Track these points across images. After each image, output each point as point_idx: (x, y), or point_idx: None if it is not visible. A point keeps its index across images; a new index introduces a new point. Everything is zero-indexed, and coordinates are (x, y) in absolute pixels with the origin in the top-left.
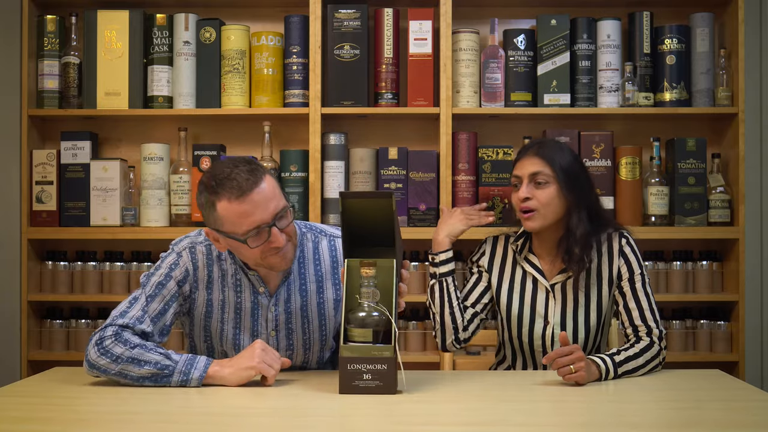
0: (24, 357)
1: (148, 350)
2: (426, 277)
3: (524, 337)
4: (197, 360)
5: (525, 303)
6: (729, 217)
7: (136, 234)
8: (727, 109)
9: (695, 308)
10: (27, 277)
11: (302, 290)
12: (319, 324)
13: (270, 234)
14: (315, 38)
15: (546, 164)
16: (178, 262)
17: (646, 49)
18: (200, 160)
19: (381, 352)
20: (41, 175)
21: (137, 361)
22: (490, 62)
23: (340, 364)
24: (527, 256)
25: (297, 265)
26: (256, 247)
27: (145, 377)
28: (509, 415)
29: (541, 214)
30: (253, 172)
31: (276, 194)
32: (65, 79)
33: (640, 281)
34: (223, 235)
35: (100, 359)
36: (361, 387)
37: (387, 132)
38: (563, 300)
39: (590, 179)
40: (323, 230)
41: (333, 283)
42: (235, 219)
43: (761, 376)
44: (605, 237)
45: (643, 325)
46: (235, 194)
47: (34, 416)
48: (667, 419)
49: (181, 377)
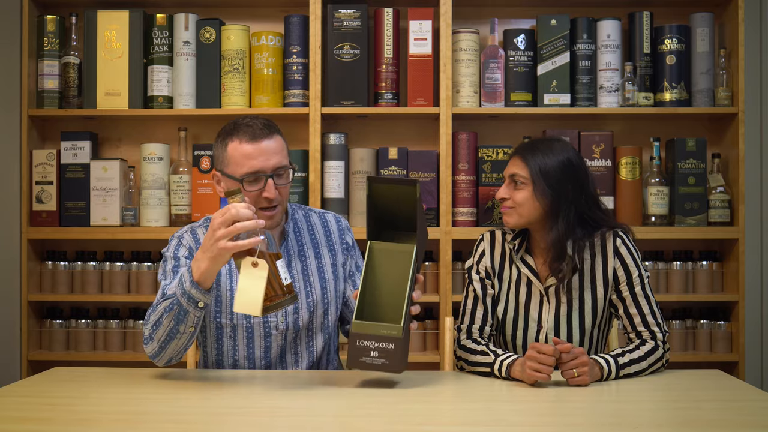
0: (24, 357)
1: (156, 307)
2: (425, 276)
3: (518, 340)
4: (181, 276)
5: (519, 307)
6: (729, 217)
7: (136, 234)
8: (727, 109)
9: (695, 308)
10: (27, 277)
11: (301, 255)
12: (321, 286)
13: (266, 184)
14: (315, 38)
15: (525, 166)
16: (181, 242)
17: (646, 49)
18: (200, 160)
19: (390, 332)
20: (41, 175)
21: (157, 323)
22: (490, 62)
23: (350, 338)
24: (523, 256)
25: (292, 232)
26: (250, 193)
27: (174, 327)
28: (509, 415)
29: (517, 212)
30: (268, 126)
31: (282, 152)
32: (65, 79)
33: (639, 284)
34: (225, 176)
35: (147, 347)
36: (367, 363)
37: (387, 132)
38: (557, 304)
39: (583, 181)
40: (312, 209)
41: (329, 249)
42: (240, 159)
43: (761, 376)
44: (599, 237)
45: (646, 330)
46: (246, 137)
47: (34, 416)
48: (667, 419)
49: (185, 300)
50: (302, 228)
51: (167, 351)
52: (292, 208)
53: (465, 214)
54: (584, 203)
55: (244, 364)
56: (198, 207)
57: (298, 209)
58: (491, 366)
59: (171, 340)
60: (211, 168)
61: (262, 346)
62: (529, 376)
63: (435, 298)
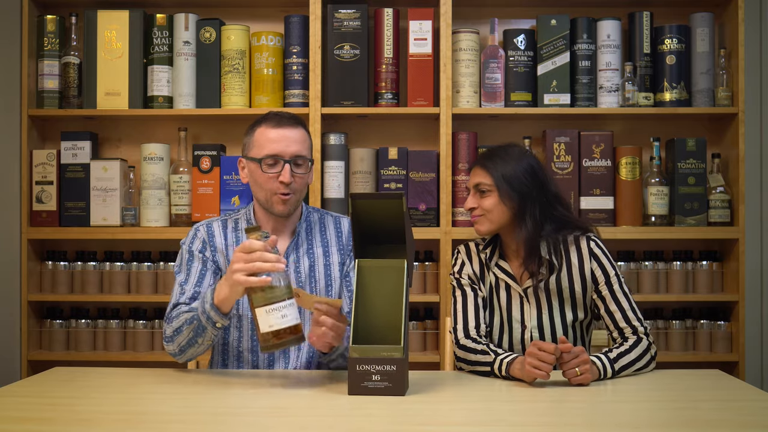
0: (24, 357)
1: (180, 315)
2: (425, 276)
3: (504, 343)
4: (205, 295)
5: (501, 310)
6: (729, 217)
7: (136, 234)
8: (727, 109)
9: (695, 308)
10: (27, 277)
11: (309, 253)
12: (326, 285)
13: (283, 168)
14: (315, 38)
15: (487, 174)
16: (197, 234)
17: (646, 49)
18: (200, 160)
19: (390, 353)
20: (41, 175)
21: (178, 330)
22: (490, 62)
23: (348, 364)
24: (498, 262)
25: (304, 230)
26: (268, 174)
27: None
28: (509, 415)
29: (487, 219)
30: (294, 118)
31: (303, 143)
32: (65, 79)
33: (617, 282)
34: (248, 160)
35: (168, 347)
36: (369, 388)
37: (387, 132)
38: (537, 303)
39: (542, 180)
40: (328, 212)
41: (338, 249)
42: (262, 142)
43: (761, 376)
44: (572, 239)
45: (628, 326)
46: (272, 123)
47: (34, 416)
48: (667, 419)
49: (205, 318)
50: (314, 228)
51: (187, 354)
52: (308, 210)
53: (465, 214)
54: (546, 201)
55: (248, 357)
56: (198, 207)
57: (315, 212)
58: (491, 365)
59: (190, 347)
60: (211, 168)
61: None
62: (528, 373)
63: (435, 298)
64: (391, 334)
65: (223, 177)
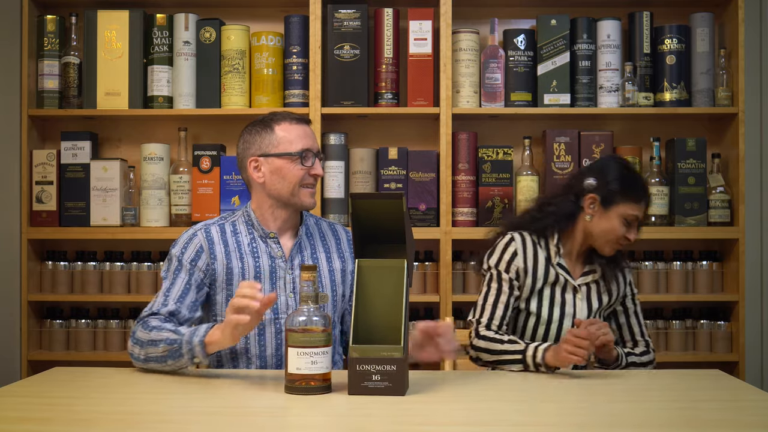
0: (24, 357)
1: (162, 330)
2: (425, 276)
3: (551, 336)
4: (199, 328)
5: (555, 304)
6: (729, 217)
7: (136, 234)
8: (727, 109)
9: (695, 308)
10: (27, 277)
11: (313, 257)
12: (331, 290)
13: (314, 162)
14: (315, 38)
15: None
16: (191, 241)
17: (646, 49)
18: (200, 160)
19: (391, 353)
20: (41, 175)
21: (154, 341)
22: (490, 62)
23: (349, 364)
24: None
25: (305, 234)
26: (301, 168)
27: (165, 356)
28: (509, 415)
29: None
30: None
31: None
32: (65, 79)
33: (638, 301)
34: (274, 156)
35: (133, 348)
36: (370, 388)
37: (387, 132)
38: (588, 300)
39: None
40: (321, 218)
41: (338, 256)
42: (294, 138)
43: (761, 376)
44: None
45: (642, 340)
46: (294, 120)
47: (34, 416)
48: (667, 419)
49: (187, 348)
50: (314, 233)
51: (148, 365)
52: (305, 215)
53: (465, 214)
54: None
55: (256, 363)
56: (198, 207)
57: (309, 216)
58: (523, 353)
59: (157, 362)
60: (211, 168)
61: (273, 345)
62: (564, 358)
63: (435, 298)
64: (391, 334)
65: (223, 177)
